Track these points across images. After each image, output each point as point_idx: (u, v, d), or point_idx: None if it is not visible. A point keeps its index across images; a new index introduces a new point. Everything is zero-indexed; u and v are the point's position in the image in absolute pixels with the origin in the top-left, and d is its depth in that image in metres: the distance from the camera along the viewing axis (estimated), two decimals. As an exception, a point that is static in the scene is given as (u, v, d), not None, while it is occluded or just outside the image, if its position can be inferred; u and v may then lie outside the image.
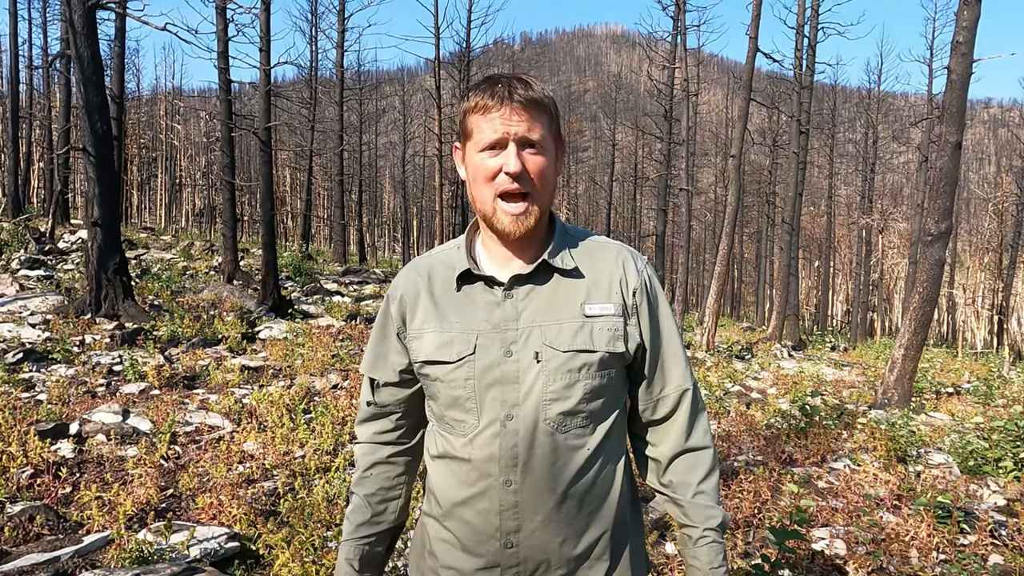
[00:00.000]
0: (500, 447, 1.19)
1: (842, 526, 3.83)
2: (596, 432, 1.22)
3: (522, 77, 1.21)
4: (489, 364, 1.20)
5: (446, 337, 1.24)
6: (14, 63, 21.44)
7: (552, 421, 1.18)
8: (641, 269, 1.28)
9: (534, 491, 1.19)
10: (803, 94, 19.55)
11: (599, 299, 1.23)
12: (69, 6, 9.11)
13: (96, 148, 9.35)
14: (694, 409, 1.30)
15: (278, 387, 6.61)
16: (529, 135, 1.17)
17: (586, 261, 1.27)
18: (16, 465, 4.04)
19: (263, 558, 3.17)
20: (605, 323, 1.22)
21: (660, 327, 1.29)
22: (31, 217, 19.32)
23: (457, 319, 1.24)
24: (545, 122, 1.20)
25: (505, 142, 1.17)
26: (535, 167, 1.18)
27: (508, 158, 1.16)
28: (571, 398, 1.19)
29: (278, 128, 27.45)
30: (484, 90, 1.19)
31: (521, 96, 1.17)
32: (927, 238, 7.76)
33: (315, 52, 26.74)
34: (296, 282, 16.66)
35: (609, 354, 1.21)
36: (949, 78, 7.72)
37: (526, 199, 1.18)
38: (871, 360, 14.82)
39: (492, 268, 1.27)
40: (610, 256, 1.28)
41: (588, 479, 1.22)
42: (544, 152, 1.19)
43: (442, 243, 8.63)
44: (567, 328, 1.20)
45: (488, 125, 1.17)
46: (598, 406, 1.22)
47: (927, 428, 6.56)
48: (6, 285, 10.81)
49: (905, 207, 36.12)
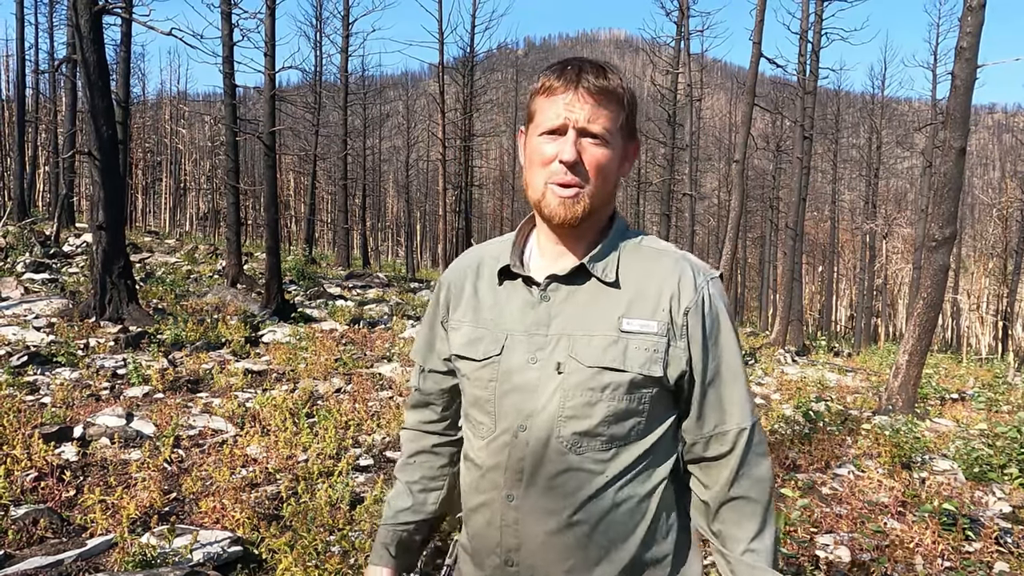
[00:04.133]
0: (509, 457, 1.13)
1: (846, 532, 3.81)
2: (619, 459, 1.11)
3: (598, 63, 1.12)
4: (512, 368, 1.13)
5: (477, 333, 1.19)
6: (21, 67, 21.57)
7: (566, 440, 1.09)
8: (701, 285, 1.13)
9: (535, 510, 1.11)
10: (807, 99, 19.55)
11: (641, 314, 1.11)
12: (75, 11, 9.17)
13: (101, 152, 9.39)
14: (750, 452, 1.14)
15: (281, 391, 6.61)
16: (590, 125, 1.08)
17: (635, 270, 1.14)
18: (20, 468, 4.05)
19: (266, 562, 3.17)
20: (643, 342, 1.10)
21: (718, 355, 1.13)
22: (36, 220, 19.40)
23: (492, 316, 1.19)
24: (613, 114, 1.10)
25: (565, 129, 1.09)
26: (593, 160, 1.09)
27: (565, 146, 1.08)
28: (590, 418, 1.09)
29: (282, 132, 27.52)
30: (554, 71, 1.11)
31: (589, 83, 1.08)
32: (931, 243, 7.74)
33: (319, 57, 26.88)
34: (299, 286, 16.69)
35: (643, 377, 1.09)
36: (953, 83, 7.71)
37: (580, 187, 1.10)
38: (875, 366, 14.77)
39: (541, 265, 1.19)
40: (665, 267, 1.14)
41: (602, 507, 1.11)
42: (607, 146, 1.10)
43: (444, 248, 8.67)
44: (598, 342, 1.09)
45: (551, 109, 1.10)
46: (623, 431, 1.10)
47: (932, 434, 6.53)
48: (11, 288, 10.85)
49: (909, 212, 36.06)
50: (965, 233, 41.77)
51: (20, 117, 21.49)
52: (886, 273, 35.50)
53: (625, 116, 1.12)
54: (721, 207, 38.28)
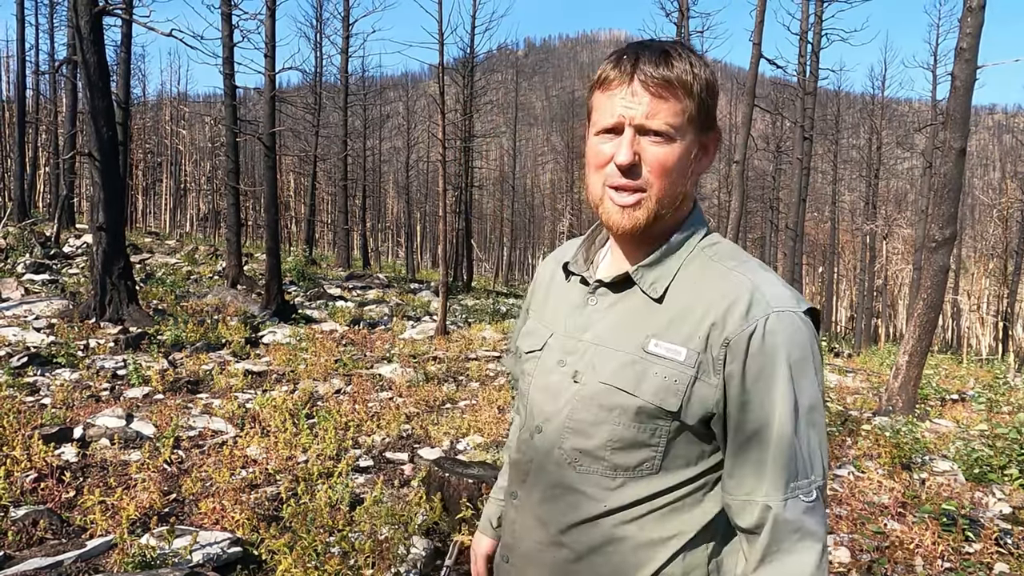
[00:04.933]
0: (523, 456, 1.11)
1: (846, 533, 3.81)
2: (624, 491, 0.99)
3: (663, 46, 0.97)
4: (546, 367, 1.09)
5: (534, 325, 1.18)
6: (21, 68, 21.59)
7: (567, 453, 1.02)
8: (756, 317, 0.93)
9: (529, 516, 1.08)
10: (807, 100, 19.57)
11: (674, 338, 0.97)
12: (76, 12, 9.17)
13: (101, 153, 9.40)
14: (780, 538, 0.92)
15: (281, 392, 6.61)
16: (649, 122, 0.95)
17: (688, 287, 0.99)
18: (20, 469, 4.05)
19: (266, 563, 3.17)
20: (665, 368, 0.96)
21: (761, 405, 0.92)
22: (37, 221, 19.41)
23: (549, 311, 1.15)
24: (680, 106, 0.96)
25: (621, 127, 0.97)
26: (655, 159, 0.96)
27: (620, 146, 0.96)
28: (592, 438, 1.00)
29: (282, 133, 27.53)
30: (611, 60, 0.99)
31: (648, 73, 0.95)
32: (931, 244, 7.74)
33: (320, 58, 26.92)
34: (299, 287, 16.69)
35: (655, 407, 0.96)
36: (953, 84, 7.71)
37: (640, 192, 0.98)
38: (875, 366, 14.76)
39: (606, 266, 1.11)
40: (719, 289, 0.97)
41: (594, 538, 1.00)
42: (672, 142, 0.96)
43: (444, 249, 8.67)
44: (618, 358, 0.99)
45: (607, 104, 0.98)
46: (631, 462, 0.98)
47: (932, 435, 6.53)
48: (11, 289, 10.85)
49: (909, 213, 36.09)
50: (965, 234, 41.78)
51: (20, 118, 21.51)
52: (886, 274, 35.50)
53: (696, 106, 0.97)
54: (721, 208, 38.27)
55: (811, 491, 0.93)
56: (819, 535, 0.93)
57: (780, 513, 0.92)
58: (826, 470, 0.96)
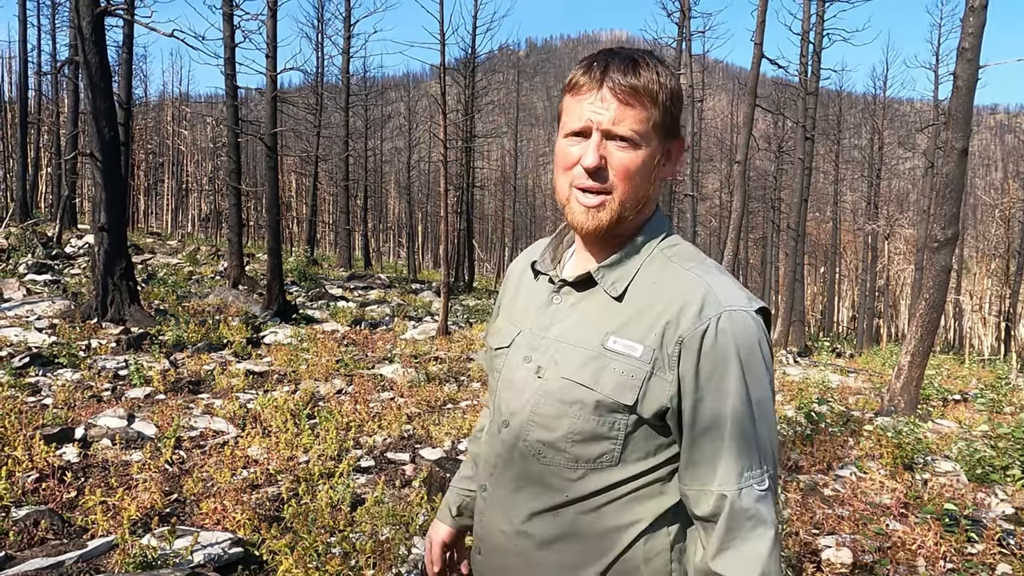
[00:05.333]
0: (491, 450, 1.16)
1: (848, 534, 3.80)
2: (585, 482, 1.03)
3: (632, 55, 1.02)
4: (512, 364, 1.14)
5: (501, 324, 1.22)
6: (23, 69, 21.63)
7: (531, 446, 1.06)
8: (709, 318, 0.97)
9: (496, 507, 1.12)
10: (808, 100, 19.55)
11: (631, 335, 1.01)
12: (78, 13, 9.19)
13: (103, 153, 9.41)
14: (740, 523, 0.97)
15: (283, 392, 6.62)
16: (616, 127, 0.99)
17: (647, 286, 1.03)
18: (21, 469, 4.05)
19: (267, 564, 3.17)
20: (622, 364, 1.00)
21: (714, 400, 0.97)
22: (39, 222, 19.43)
23: (518, 310, 1.19)
24: (645, 113, 1.00)
25: (589, 131, 1.01)
26: (620, 164, 1.01)
27: (587, 150, 1.01)
28: (554, 430, 1.04)
29: (284, 134, 27.55)
30: (582, 65, 1.03)
31: (616, 81, 0.99)
32: (933, 244, 7.72)
33: (321, 58, 26.93)
34: (301, 287, 16.70)
35: (613, 401, 1.00)
36: (955, 84, 7.70)
37: (605, 194, 1.03)
38: (877, 367, 14.75)
39: (572, 265, 1.15)
40: (675, 289, 1.01)
41: (558, 528, 1.05)
42: (637, 148, 1.01)
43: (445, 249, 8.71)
44: (579, 355, 1.04)
45: (576, 109, 1.02)
46: (591, 454, 1.02)
47: (934, 435, 6.52)
48: (13, 289, 10.86)
49: (911, 213, 36.03)
50: (967, 234, 41.72)
51: (23, 119, 21.55)
52: (888, 274, 35.46)
53: (661, 114, 1.02)
54: (723, 208, 38.26)
55: (764, 480, 0.98)
56: (771, 522, 0.98)
57: (735, 501, 0.97)
58: (776, 461, 1.01)
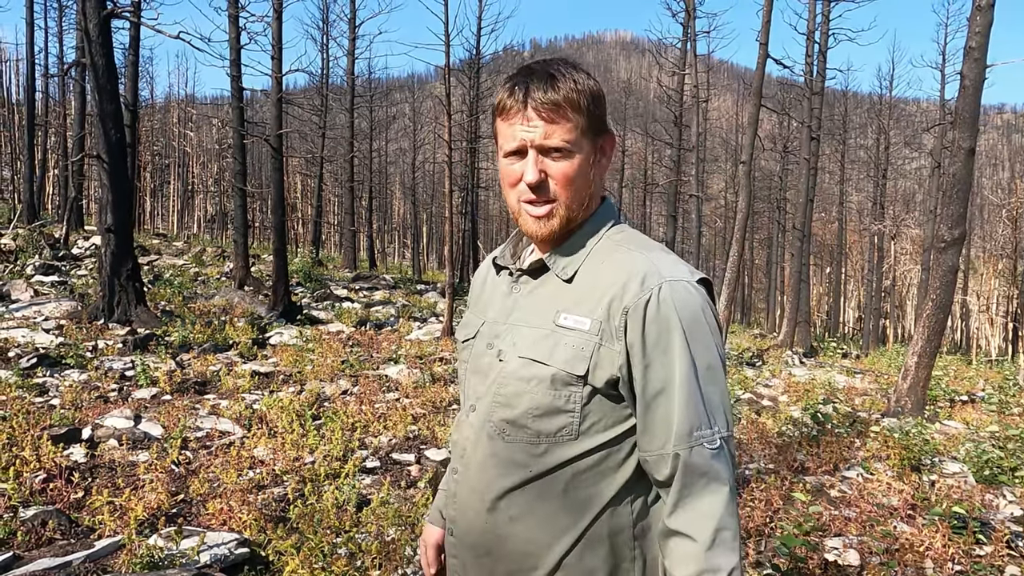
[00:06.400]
0: (461, 434, 1.21)
1: (855, 536, 3.78)
2: (548, 457, 1.08)
3: (548, 70, 1.07)
4: (477, 352, 1.21)
5: (468, 318, 1.30)
6: (30, 71, 21.72)
7: (496, 425, 1.12)
8: (651, 287, 1.03)
9: (467, 488, 1.17)
10: (814, 100, 19.48)
11: (580, 311, 1.08)
12: (84, 15, 9.23)
13: (110, 155, 9.45)
14: (693, 481, 1.02)
15: (288, 393, 6.63)
16: (547, 142, 1.06)
17: (595, 268, 1.11)
18: (29, 470, 4.07)
19: (273, 564, 3.17)
20: (573, 338, 1.06)
21: (666, 366, 1.02)
22: (46, 223, 19.53)
23: (483, 303, 1.27)
24: (571, 123, 1.07)
25: (524, 150, 1.08)
26: (558, 172, 1.08)
27: (527, 167, 1.08)
28: (515, 408, 1.10)
29: (289, 135, 27.62)
30: (505, 88, 1.10)
31: (538, 99, 1.06)
32: (940, 244, 7.69)
33: (326, 60, 26.94)
34: (306, 288, 16.73)
35: (567, 373, 1.05)
36: (962, 84, 7.66)
37: (551, 203, 1.10)
38: (884, 367, 14.68)
39: (528, 258, 1.22)
40: (623, 267, 1.08)
41: (525, 503, 1.10)
42: (571, 156, 1.08)
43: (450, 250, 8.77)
44: (534, 334, 1.11)
45: (508, 131, 1.09)
46: (551, 428, 1.07)
47: (941, 437, 6.49)
48: (21, 291, 10.92)
49: (917, 213, 35.84)
50: (974, 234, 41.53)
51: (30, 120, 21.65)
52: (894, 274, 35.31)
53: (586, 118, 1.08)
54: (728, 208, 38.16)
55: (715, 440, 1.03)
56: (725, 479, 1.03)
57: (687, 459, 1.02)
58: (730, 423, 1.07)
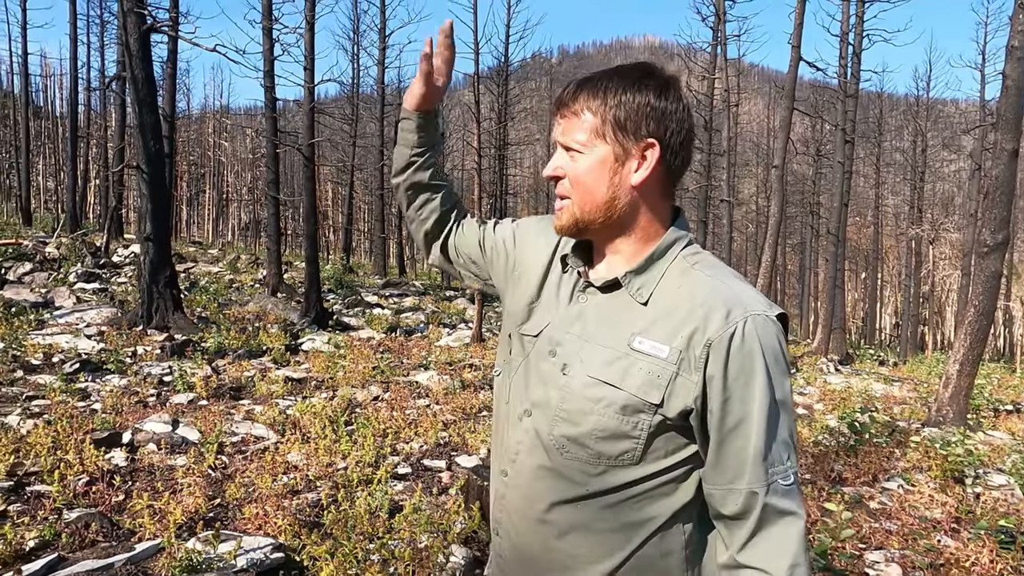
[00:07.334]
0: (510, 436, 1.19)
1: (897, 549, 3.68)
2: (605, 478, 1.07)
3: (586, 77, 1.14)
4: (539, 354, 1.17)
5: (540, 303, 1.22)
6: (73, 85, 22.45)
7: (556, 440, 1.10)
8: (736, 321, 1.01)
9: (518, 494, 1.17)
10: (848, 102, 19.13)
11: (658, 336, 1.05)
12: (125, 30, 9.51)
13: (149, 166, 9.70)
14: (766, 519, 1.02)
15: (321, 399, 6.71)
16: (563, 139, 1.13)
17: (671, 291, 1.08)
18: (73, 473, 4.18)
19: (307, 569, 3.20)
20: (648, 364, 1.04)
21: (744, 401, 1.01)
22: (87, 232, 20.10)
23: (548, 294, 1.22)
24: (587, 124, 1.09)
25: (556, 147, 1.17)
26: (570, 170, 1.13)
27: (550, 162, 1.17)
28: (580, 426, 1.08)
29: (321, 144, 28.04)
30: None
31: (561, 102, 1.14)
32: (982, 249, 7.48)
33: (357, 69, 27.36)
34: (337, 295, 16.94)
35: (639, 400, 1.04)
36: (1004, 84, 7.46)
37: (565, 199, 1.15)
38: (923, 376, 14.30)
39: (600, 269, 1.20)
40: (700, 295, 1.05)
41: (577, 519, 1.10)
42: (581, 155, 1.11)
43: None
44: (606, 355, 1.08)
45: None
46: (613, 451, 1.06)
47: (985, 447, 6.29)
48: (64, 298, 11.25)
49: (957, 217, 34.90)
50: (1018, 238, 40.26)
51: (73, 133, 22.35)
52: (933, 280, 34.42)
53: (603, 122, 1.08)
54: (759, 213, 37.63)
55: (788, 475, 1.03)
56: (799, 514, 1.03)
57: (765, 497, 1.01)
58: (797, 455, 1.06)
